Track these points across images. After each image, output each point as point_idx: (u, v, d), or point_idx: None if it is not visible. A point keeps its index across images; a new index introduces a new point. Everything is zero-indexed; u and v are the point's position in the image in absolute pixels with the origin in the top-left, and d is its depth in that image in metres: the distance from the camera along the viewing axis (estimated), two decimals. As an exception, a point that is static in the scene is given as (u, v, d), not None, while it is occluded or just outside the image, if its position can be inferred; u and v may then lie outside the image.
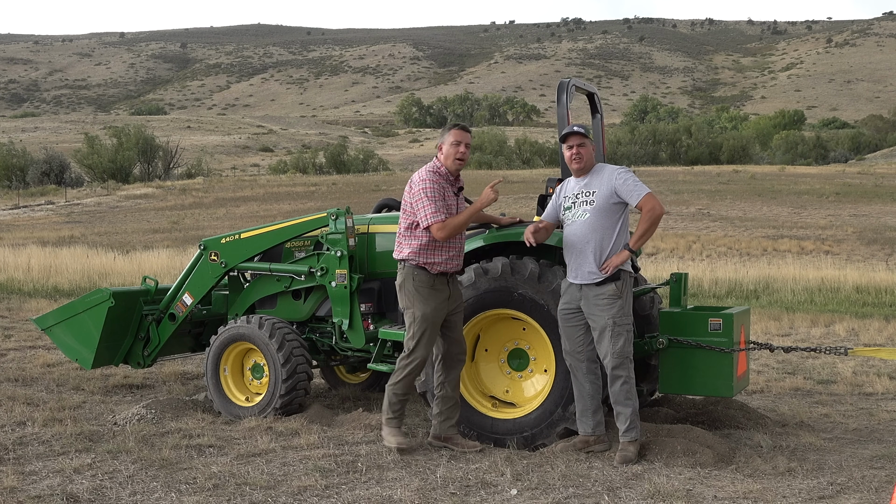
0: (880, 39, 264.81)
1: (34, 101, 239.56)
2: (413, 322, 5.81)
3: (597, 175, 5.81)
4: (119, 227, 39.19)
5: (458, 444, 5.95)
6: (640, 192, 5.66)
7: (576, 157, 5.80)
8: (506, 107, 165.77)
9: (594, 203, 5.73)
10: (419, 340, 5.80)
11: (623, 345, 5.67)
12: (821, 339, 11.67)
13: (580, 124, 5.96)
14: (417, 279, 5.79)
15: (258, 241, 7.22)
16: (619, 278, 5.69)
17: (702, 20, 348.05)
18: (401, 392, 5.91)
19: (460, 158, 5.85)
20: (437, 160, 5.90)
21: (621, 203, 5.73)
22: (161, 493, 5.00)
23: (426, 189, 5.74)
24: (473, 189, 6.98)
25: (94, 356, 7.41)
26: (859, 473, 5.46)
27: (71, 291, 15.83)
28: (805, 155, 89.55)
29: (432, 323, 5.80)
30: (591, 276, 5.71)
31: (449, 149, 5.86)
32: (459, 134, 5.88)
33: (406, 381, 5.89)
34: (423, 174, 5.83)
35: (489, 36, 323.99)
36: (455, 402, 6.02)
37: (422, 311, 5.78)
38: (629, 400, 5.68)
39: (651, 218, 5.63)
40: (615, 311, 5.67)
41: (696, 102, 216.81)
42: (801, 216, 39.45)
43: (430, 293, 5.79)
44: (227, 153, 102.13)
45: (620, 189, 5.69)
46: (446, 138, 5.88)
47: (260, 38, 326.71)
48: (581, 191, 5.81)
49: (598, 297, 5.69)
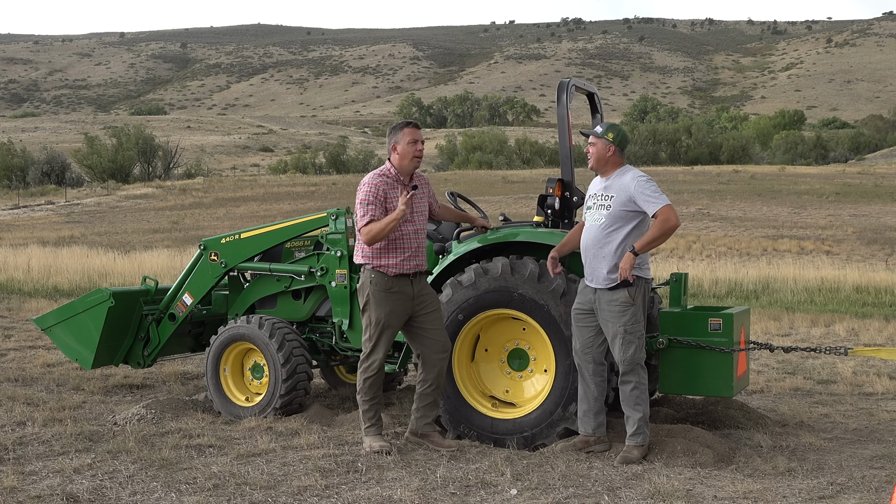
0: (880, 39, 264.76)
1: (34, 101, 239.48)
2: (369, 325, 5.86)
3: (618, 178, 5.74)
4: (119, 227, 39.18)
5: (434, 441, 5.96)
6: (659, 203, 5.57)
7: (588, 156, 5.83)
8: (506, 107, 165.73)
9: (610, 208, 5.69)
10: (376, 343, 5.84)
11: (634, 352, 5.66)
12: (821, 339, 11.67)
13: (606, 124, 5.89)
14: (374, 282, 5.83)
15: (258, 241, 7.22)
16: (631, 285, 5.65)
17: (702, 20, 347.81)
18: (369, 397, 5.92)
19: (418, 156, 5.88)
20: (389, 162, 5.90)
21: (639, 211, 5.66)
22: (161, 493, 5.00)
23: (365, 193, 5.78)
24: (474, 189, 6.99)
25: (94, 356, 7.41)
26: (859, 473, 5.46)
27: (71, 291, 15.82)
28: (805, 155, 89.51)
29: (387, 326, 5.84)
30: (604, 282, 5.68)
31: (407, 147, 5.85)
32: (415, 132, 5.89)
33: (369, 384, 5.90)
34: (367, 178, 5.87)
35: (489, 36, 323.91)
36: (434, 400, 6.02)
37: (376, 315, 5.82)
38: (639, 405, 5.67)
39: (663, 227, 5.56)
40: (626, 319, 5.65)
41: (696, 102, 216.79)
42: (800, 216, 39.45)
43: (385, 296, 5.81)
44: (227, 153, 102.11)
45: (638, 197, 5.62)
46: (401, 137, 5.87)
47: (260, 38, 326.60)
48: (601, 193, 5.78)
49: (610, 302, 5.66)
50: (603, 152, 5.80)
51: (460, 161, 77.92)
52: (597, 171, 5.87)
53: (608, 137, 5.78)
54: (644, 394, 5.71)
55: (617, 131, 5.81)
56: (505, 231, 6.31)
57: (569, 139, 6.49)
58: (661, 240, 5.62)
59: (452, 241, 6.58)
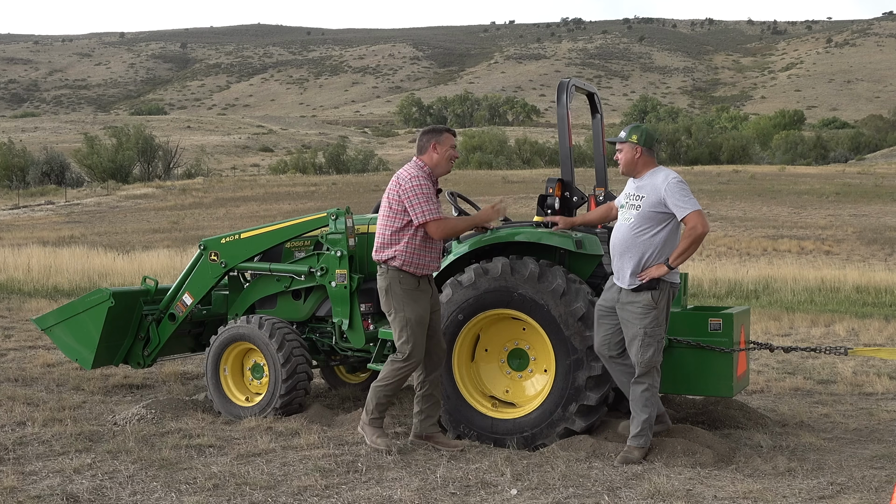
0: (880, 39, 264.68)
1: (34, 101, 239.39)
2: (406, 326, 5.77)
3: (650, 179, 5.72)
4: (119, 227, 39.19)
5: (439, 442, 5.96)
6: (687, 209, 5.54)
7: (618, 163, 5.86)
8: (506, 107, 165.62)
9: (640, 209, 5.67)
10: (415, 343, 5.78)
11: (652, 355, 5.65)
12: (821, 339, 11.67)
13: (629, 126, 5.85)
14: (405, 282, 5.79)
15: (258, 241, 7.22)
16: (655, 288, 5.63)
17: (702, 20, 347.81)
18: (390, 393, 5.92)
19: (452, 161, 5.97)
20: (421, 160, 5.89)
21: (668, 213, 5.62)
22: (161, 493, 5.00)
23: (420, 186, 5.73)
24: (474, 189, 6.99)
25: (94, 356, 7.41)
26: (859, 473, 5.46)
27: (71, 291, 15.82)
28: (805, 155, 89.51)
29: (421, 323, 5.82)
30: (628, 282, 5.68)
31: (449, 151, 5.91)
32: (453, 138, 5.99)
33: (397, 383, 5.90)
34: (412, 171, 5.80)
35: (489, 36, 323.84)
36: (436, 400, 6.04)
37: (413, 314, 5.78)
38: (647, 408, 5.66)
39: (692, 237, 5.53)
40: (648, 322, 5.63)
41: (696, 102, 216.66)
42: (801, 216, 39.46)
43: (418, 295, 5.81)
44: (227, 153, 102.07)
45: (668, 200, 5.59)
46: (444, 140, 5.90)
47: (260, 38, 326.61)
48: (634, 193, 5.76)
49: (633, 304, 5.65)
50: (631, 156, 5.77)
51: (460, 161, 77.88)
52: (630, 175, 5.84)
53: (633, 140, 5.75)
54: (654, 397, 5.71)
55: (641, 132, 5.77)
56: (505, 231, 6.31)
57: (569, 139, 6.49)
58: (693, 249, 5.58)
59: (452, 240, 6.58)
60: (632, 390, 5.72)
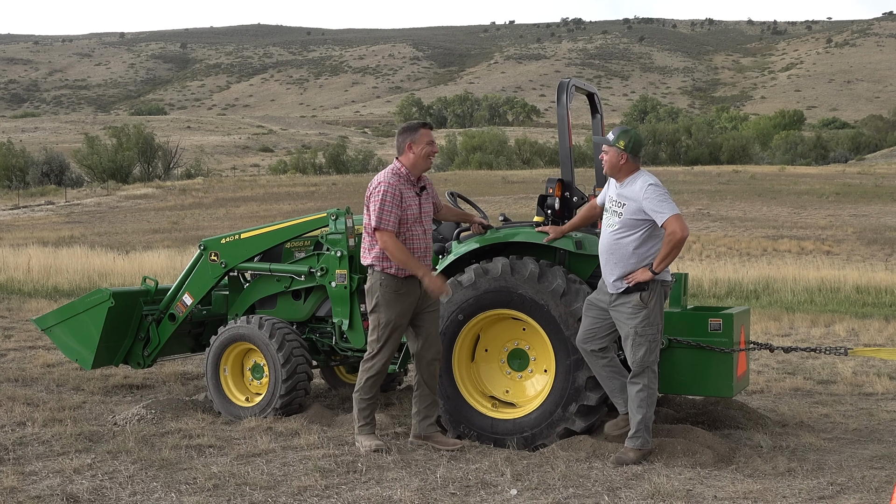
0: (880, 39, 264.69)
1: (34, 101, 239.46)
2: (378, 326, 5.86)
3: (631, 185, 5.71)
4: (119, 227, 39.20)
5: (438, 441, 5.97)
6: (665, 214, 5.54)
7: (602, 162, 5.87)
8: (506, 107, 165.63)
9: (622, 215, 5.68)
10: (383, 344, 5.87)
11: (644, 354, 5.65)
12: (821, 340, 11.67)
13: (618, 129, 5.82)
14: (385, 285, 5.83)
15: (258, 241, 7.22)
16: (644, 289, 5.62)
17: (702, 20, 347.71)
18: (367, 396, 5.95)
19: (432, 157, 5.96)
20: (400, 162, 5.92)
21: (649, 219, 5.62)
22: (161, 493, 5.00)
23: (385, 192, 5.77)
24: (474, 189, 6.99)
25: (94, 356, 7.41)
26: (859, 473, 5.46)
27: (71, 291, 15.82)
28: (805, 155, 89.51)
29: (397, 327, 5.86)
30: (614, 287, 5.69)
31: (425, 148, 5.91)
32: (431, 133, 5.97)
33: (370, 383, 5.93)
34: (382, 177, 5.87)
35: (489, 36, 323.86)
36: (433, 400, 6.04)
37: (386, 317, 5.84)
38: (642, 408, 5.65)
39: (671, 242, 5.53)
40: (638, 322, 5.64)
41: (696, 102, 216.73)
42: (800, 216, 39.47)
43: (396, 298, 5.84)
44: (226, 153, 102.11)
45: (646, 206, 5.59)
46: (419, 138, 5.90)
47: (260, 39, 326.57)
48: (615, 199, 5.76)
49: (623, 305, 5.67)
50: (615, 160, 5.77)
51: (460, 161, 77.93)
52: (613, 177, 5.85)
53: (619, 145, 5.73)
54: (651, 398, 5.70)
55: (629, 137, 5.75)
56: (505, 231, 6.31)
57: (569, 139, 6.49)
58: (675, 254, 5.58)
59: (452, 241, 6.58)
60: (628, 391, 5.73)
